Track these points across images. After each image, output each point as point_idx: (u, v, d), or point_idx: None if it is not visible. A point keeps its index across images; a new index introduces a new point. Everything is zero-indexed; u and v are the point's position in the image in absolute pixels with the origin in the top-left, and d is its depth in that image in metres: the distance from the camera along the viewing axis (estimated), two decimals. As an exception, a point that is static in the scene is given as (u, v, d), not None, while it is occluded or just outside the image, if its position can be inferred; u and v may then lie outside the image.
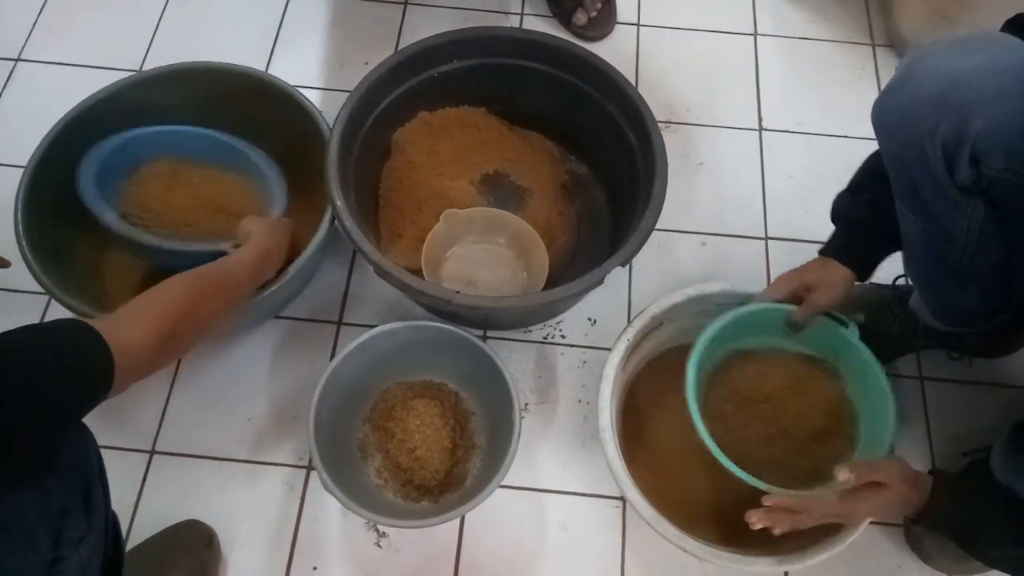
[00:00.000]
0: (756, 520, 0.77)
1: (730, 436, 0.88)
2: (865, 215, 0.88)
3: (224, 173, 1.06)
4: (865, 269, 0.90)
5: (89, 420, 0.66)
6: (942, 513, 0.77)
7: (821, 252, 0.92)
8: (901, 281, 1.04)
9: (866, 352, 0.89)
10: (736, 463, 0.81)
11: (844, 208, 0.91)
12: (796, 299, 0.91)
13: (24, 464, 0.55)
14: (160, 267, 0.82)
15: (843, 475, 0.76)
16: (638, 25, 1.41)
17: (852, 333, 0.90)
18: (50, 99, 1.10)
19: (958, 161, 0.66)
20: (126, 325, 0.66)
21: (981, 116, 0.63)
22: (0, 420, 0.50)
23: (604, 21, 1.38)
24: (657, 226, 0.96)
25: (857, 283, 0.92)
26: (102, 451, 0.71)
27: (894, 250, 0.89)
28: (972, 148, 0.64)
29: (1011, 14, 0.73)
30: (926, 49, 0.69)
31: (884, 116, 0.72)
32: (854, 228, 0.90)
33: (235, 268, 0.85)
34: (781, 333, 0.94)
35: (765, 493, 0.79)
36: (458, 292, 0.92)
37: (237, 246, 0.91)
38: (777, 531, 0.78)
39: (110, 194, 0.95)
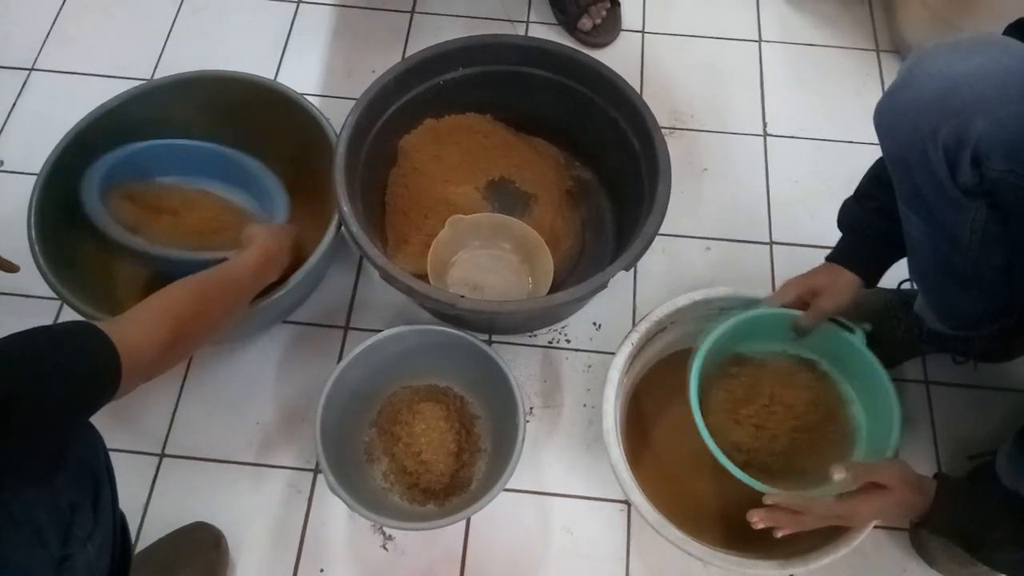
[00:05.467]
0: (758, 519, 0.77)
1: (732, 440, 0.89)
2: (872, 222, 0.88)
3: (222, 195, 1.07)
4: (872, 275, 0.91)
5: (100, 422, 0.67)
6: (947, 517, 0.77)
7: (828, 258, 0.93)
8: (906, 285, 1.04)
9: (872, 359, 0.89)
10: (738, 466, 0.81)
11: (851, 215, 0.91)
12: (803, 304, 0.91)
13: (33, 462, 0.56)
14: (165, 275, 0.83)
15: (839, 475, 0.76)
16: (643, 32, 1.42)
17: (859, 339, 0.90)
18: (63, 108, 1.12)
19: (960, 163, 0.66)
20: (132, 328, 0.67)
21: (982, 118, 0.64)
22: (9, 419, 0.51)
23: (609, 28, 1.39)
24: (661, 231, 0.96)
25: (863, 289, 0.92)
26: (113, 454, 0.72)
27: (901, 256, 0.89)
28: (974, 150, 0.65)
29: (1014, 19, 0.73)
30: (927, 52, 0.69)
31: (886, 118, 0.72)
32: (861, 235, 0.90)
33: (239, 272, 0.86)
34: (787, 338, 0.94)
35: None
36: (463, 296, 0.92)
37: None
38: (779, 533, 0.78)
39: (108, 205, 0.96)
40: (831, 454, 0.89)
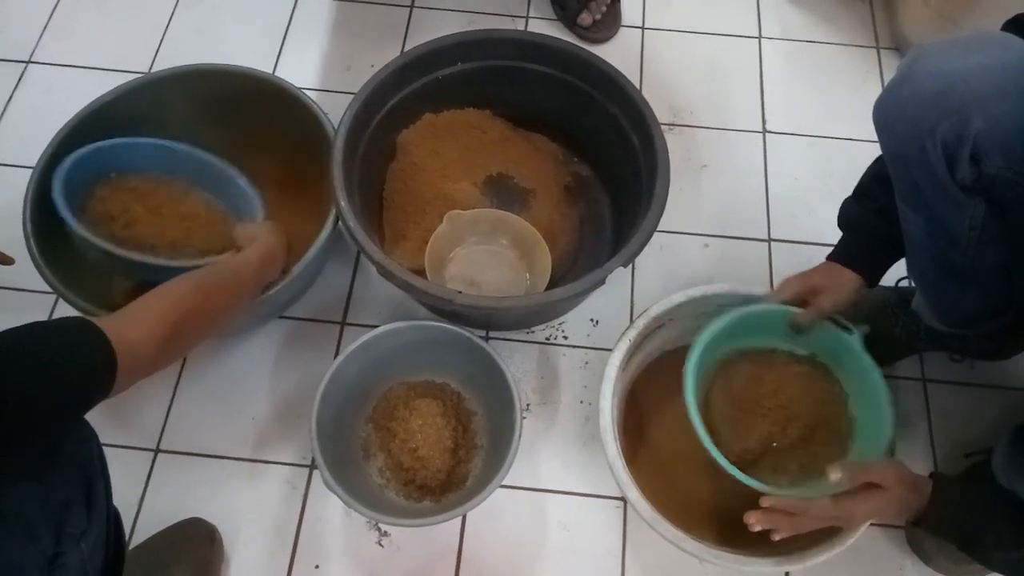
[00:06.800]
0: (755, 521, 0.77)
1: (727, 436, 0.88)
2: (872, 222, 0.88)
3: (187, 187, 1.03)
4: (873, 275, 0.90)
5: (95, 418, 0.66)
6: (943, 516, 0.77)
7: (829, 257, 0.92)
8: (904, 283, 1.04)
9: (868, 360, 0.88)
10: (733, 463, 0.81)
11: (851, 214, 0.91)
12: (802, 302, 0.91)
13: (24, 459, 0.56)
14: (148, 282, 0.80)
15: (835, 475, 0.76)
16: (643, 28, 1.42)
17: (855, 340, 0.89)
18: (60, 101, 1.11)
19: (958, 160, 0.66)
20: (130, 324, 0.67)
21: (981, 115, 0.63)
22: (2, 416, 0.51)
23: (609, 23, 1.39)
24: (660, 228, 0.96)
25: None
26: (107, 449, 0.72)
27: (901, 256, 0.88)
28: (972, 147, 0.65)
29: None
30: (926, 49, 0.69)
31: (885, 115, 0.72)
32: (861, 234, 0.90)
33: (240, 269, 0.86)
34: (784, 335, 0.94)
35: (765, 495, 0.79)
36: (460, 292, 0.92)
37: (237, 251, 0.92)
38: (776, 536, 0.78)
39: (75, 209, 0.92)
40: (828, 451, 0.89)
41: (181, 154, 1.03)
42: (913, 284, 0.95)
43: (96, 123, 1.02)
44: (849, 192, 0.91)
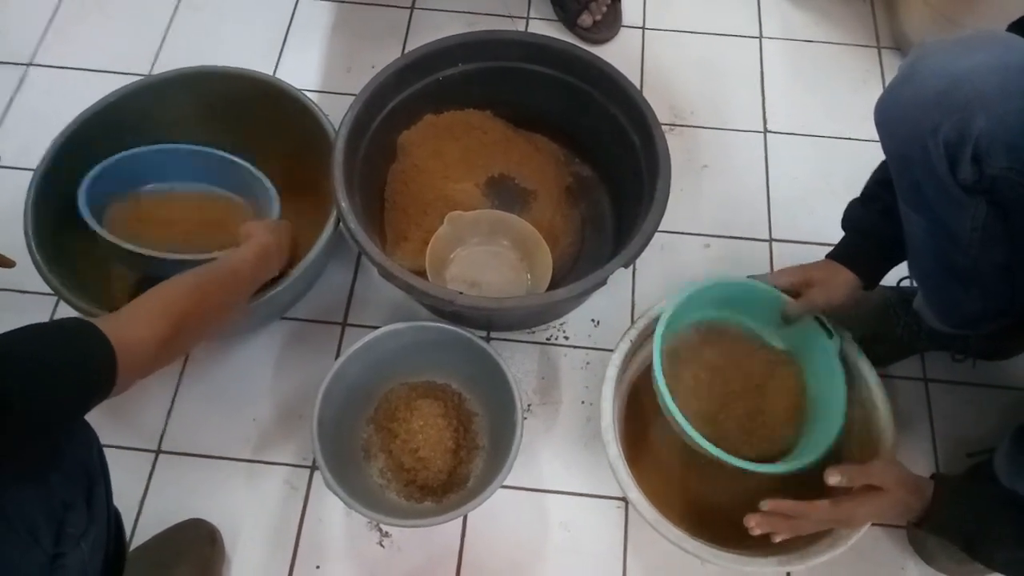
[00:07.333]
0: (755, 524, 0.77)
1: (699, 410, 0.89)
2: (877, 224, 0.87)
3: (211, 196, 1.06)
4: (871, 276, 0.90)
5: (95, 418, 0.67)
6: (944, 517, 0.76)
7: (829, 255, 0.92)
8: (905, 283, 1.04)
9: (839, 371, 0.89)
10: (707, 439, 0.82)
11: (855, 216, 0.91)
12: (795, 293, 0.91)
13: (26, 460, 0.56)
14: (158, 277, 0.83)
15: (833, 479, 0.76)
16: (643, 28, 1.42)
17: (833, 345, 0.89)
18: (61, 103, 1.11)
19: (960, 160, 0.66)
20: (129, 323, 0.67)
21: (984, 115, 0.63)
22: (3, 417, 0.51)
23: (609, 24, 1.39)
24: (661, 228, 0.96)
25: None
26: (108, 450, 0.72)
27: (902, 259, 0.88)
28: (974, 147, 0.64)
29: (1016, 16, 0.73)
30: (928, 48, 0.69)
31: (886, 114, 0.72)
32: (865, 236, 0.90)
33: (237, 266, 0.86)
34: (770, 321, 0.94)
35: (765, 496, 0.79)
36: (461, 293, 0.92)
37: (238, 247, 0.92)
38: (777, 538, 0.78)
39: (103, 213, 0.96)
40: (786, 443, 0.90)
41: (199, 156, 1.04)
42: (915, 284, 0.95)
43: (97, 126, 1.02)
44: (850, 192, 0.91)
